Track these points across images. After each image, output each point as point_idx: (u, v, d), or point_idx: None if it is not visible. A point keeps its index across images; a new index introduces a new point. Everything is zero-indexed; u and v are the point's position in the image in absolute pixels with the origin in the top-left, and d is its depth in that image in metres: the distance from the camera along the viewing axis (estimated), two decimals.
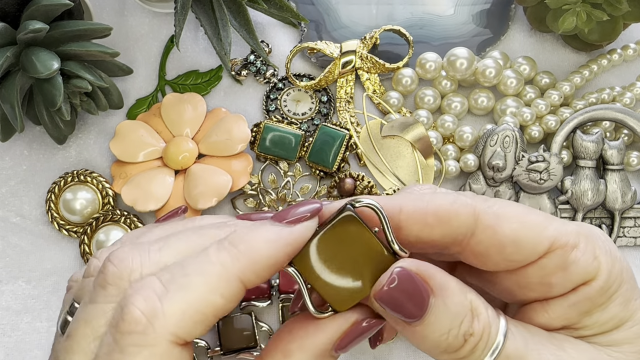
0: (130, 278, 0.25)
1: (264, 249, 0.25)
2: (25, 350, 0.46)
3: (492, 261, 0.27)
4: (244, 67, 0.50)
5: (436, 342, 0.26)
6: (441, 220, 0.27)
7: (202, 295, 0.24)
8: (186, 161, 0.47)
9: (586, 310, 0.27)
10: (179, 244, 0.26)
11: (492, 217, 0.27)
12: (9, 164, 0.49)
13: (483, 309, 0.26)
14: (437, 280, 0.26)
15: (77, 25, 0.43)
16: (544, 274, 0.27)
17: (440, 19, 0.52)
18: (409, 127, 0.48)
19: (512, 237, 0.27)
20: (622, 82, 0.51)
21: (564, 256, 0.27)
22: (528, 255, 0.27)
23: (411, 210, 0.27)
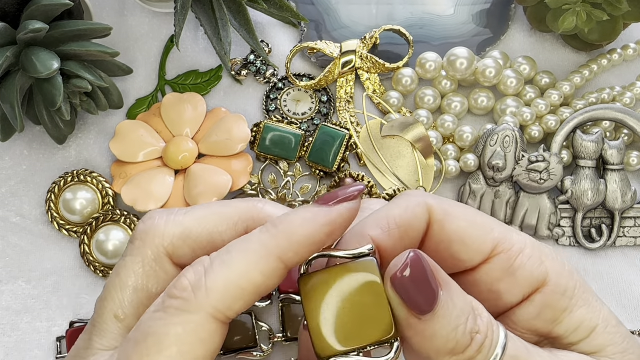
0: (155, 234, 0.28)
1: (302, 228, 0.26)
2: (25, 350, 0.46)
3: (441, 259, 0.28)
4: (244, 67, 0.50)
5: (445, 340, 0.26)
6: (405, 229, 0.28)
7: (242, 272, 0.25)
8: (186, 161, 0.47)
9: (552, 319, 0.28)
10: (203, 211, 0.29)
11: (441, 213, 0.28)
12: (9, 164, 0.49)
13: (483, 309, 0.27)
14: (443, 275, 0.26)
15: (77, 25, 0.43)
16: (491, 280, 0.28)
17: (440, 19, 0.52)
18: (409, 127, 0.48)
19: (459, 234, 0.28)
20: (622, 82, 0.51)
21: (510, 261, 0.28)
22: (473, 254, 0.28)
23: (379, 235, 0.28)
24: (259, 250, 0.26)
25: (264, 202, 0.30)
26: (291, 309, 0.45)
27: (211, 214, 0.29)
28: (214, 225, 0.29)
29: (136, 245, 0.28)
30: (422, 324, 0.26)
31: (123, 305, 0.28)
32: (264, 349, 0.45)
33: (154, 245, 0.28)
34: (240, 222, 0.29)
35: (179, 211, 0.29)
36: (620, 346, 0.27)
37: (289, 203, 0.47)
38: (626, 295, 0.46)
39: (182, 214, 0.29)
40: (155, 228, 0.28)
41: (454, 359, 0.26)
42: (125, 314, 0.28)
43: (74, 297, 0.46)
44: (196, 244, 0.28)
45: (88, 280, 0.47)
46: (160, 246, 0.28)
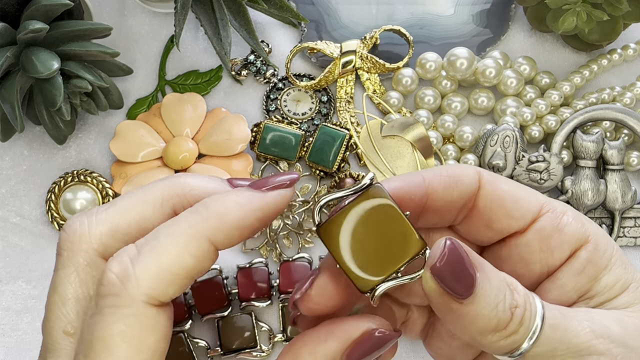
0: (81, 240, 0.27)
1: (234, 211, 0.26)
2: (25, 350, 0.46)
3: (496, 218, 0.29)
4: (244, 67, 0.50)
5: (487, 319, 0.26)
6: (454, 179, 0.29)
7: (172, 256, 0.25)
8: (186, 161, 0.47)
9: (594, 275, 0.29)
10: (124, 201, 0.28)
11: (490, 175, 0.30)
12: (9, 164, 0.49)
13: (517, 283, 0.27)
14: (476, 257, 0.27)
15: (77, 25, 0.43)
16: (542, 237, 0.29)
17: (440, 19, 0.52)
18: (409, 127, 0.48)
19: (509, 193, 0.29)
20: (622, 82, 0.51)
21: (557, 219, 0.29)
22: (525, 212, 0.29)
23: (431, 176, 0.29)
24: (188, 232, 0.25)
25: (185, 175, 0.29)
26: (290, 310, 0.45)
27: (133, 202, 0.28)
28: (139, 212, 0.28)
29: (65, 257, 0.27)
30: (464, 307, 0.26)
31: (69, 319, 0.27)
32: (264, 349, 0.45)
33: (82, 250, 0.27)
34: (165, 202, 0.28)
35: (99, 209, 0.28)
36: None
37: (289, 203, 0.47)
38: None
39: (104, 211, 0.28)
40: (79, 234, 0.27)
41: (498, 336, 0.26)
42: (74, 327, 0.27)
43: None
44: (126, 236, 0.28)
45: None
46: (90, 249, 0.27)
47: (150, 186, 0.29)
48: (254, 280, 0.45)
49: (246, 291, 0.45)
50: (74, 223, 0.28)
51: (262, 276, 0.45)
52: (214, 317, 0.45)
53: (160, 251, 0.25)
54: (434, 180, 0.29)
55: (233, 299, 0.45)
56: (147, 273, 0.25)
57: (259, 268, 0.45)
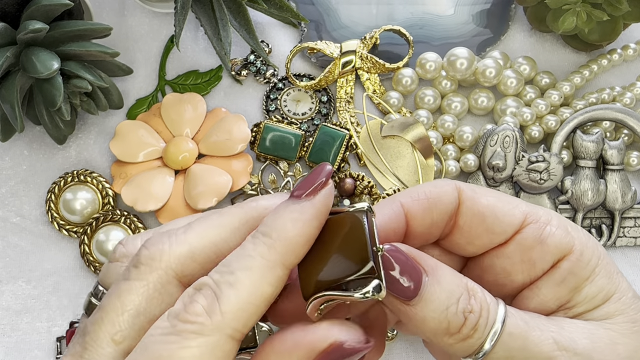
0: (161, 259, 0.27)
1: (295, 231, 0.26)
2: (25, 350, 0.46)
3: (476, 234, 0.29)
4: (244, 67, 0.50)
5: (437, 322, 0.26)
6: (433, 200, 0.29)
7: (252, 289, 0.26)
8: (186, 161, 0.47)
9: (575, 286, 0.29)
10: (202, 224, 0.29)
11: (470, 191, 0.30)
12: (9, 164, 0.49)
13: (479, 290, 0.27)
14: (428, 262, 0.27)
15: (77, 25, 0.43)
16: (523, 249, 0.29)
17: (440, 19, 0.52)
18: (409, 127, 0.48)
19: (490, 208, 0.29)
20: (622, 82, 0.51)
21: (539, 230, 0.29)
22: (506, 226, 0.29)
23: (409, 201, 0.30)
24: (263, 264, 0.26)
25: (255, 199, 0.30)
26: None
27: (211, 226, 0.29)
28: (216, 235, 0.28)
29: (141, 270, 0.28)
30: (412, 309, 0.27)
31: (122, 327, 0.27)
32: None
33: (161, 268, 0.27)
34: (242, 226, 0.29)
35: (178, 231, 0.28)
36: (632, 317, 0.28)
37: None
38: None
39: (182, 233, 0.28)
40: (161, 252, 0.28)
41: (452, 339, 0.27)
42: (124, 336, 0.27)
43: (74, 297, 0.46)
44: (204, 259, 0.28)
45: (88, 280, 0.47)
46: (169, 269, 0.27)
47: (226, 210, 0.29)
48: None
49: None
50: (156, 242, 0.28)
51: None
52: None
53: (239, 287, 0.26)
54: (412, 205, 0.29)
55: None
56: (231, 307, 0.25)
57: None
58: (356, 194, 0.46)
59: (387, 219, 0.29)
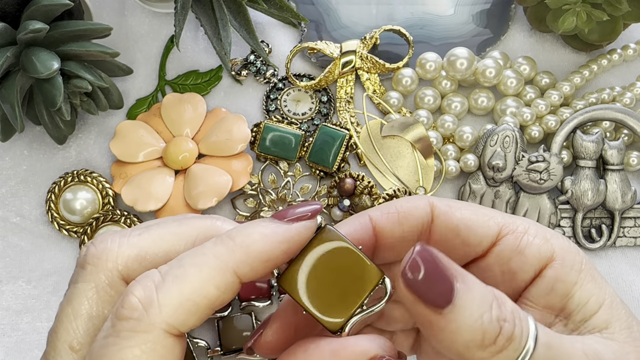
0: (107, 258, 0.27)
1: (259, 243, 0.26)
2: (25, 350, 0.46)
3: (452, 247, 0.29)
4: (244, 67, 0.50)
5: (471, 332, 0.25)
6: (404, 214, 0.29)
7: (196, 286, 0.25)
8: (186, 161, 0.47)
9: (564, 292, 0.28)
10: (158, 230, 0.28)
11: (444, 205, 0.29)
12: (9, 164, 0.49)
13: (506, 298, 0.26)
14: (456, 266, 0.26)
15: (77, 25, 0.43)
16: (502, 261, 0.29)
17: (440, 19, 0.52)
18: (409, 127, 0.48)
19: (464, 221, 0.29)
20: (622, 82, 0.51)
21: (516, 240, 0.29)
22: (481, 238, 0.29)
23: (378, 215, 0.29)
24: (214, 264, 0.25)
25: (222, 219, 0.29)
26: None
27: (168, 233, 0.28)
28: (170, 244, 0.28)
29: (88, 271, 0.27)
30: (444, 318, 0.25)
31: (77, 334, 0.26)
32: None
33: (107, 269, 0.27)
34: (198, 241, 0.28)
35: (133, 232, 0.28)
36: (626, 322, 0.28)
37: (289, 203, 0.47)
38: (626, 295, 0.46)
39: (137, 235, 0.28)
40: (107, 251, 0.27)
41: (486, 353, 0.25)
42: (81, 343, 0.26)
43: None
44: (152, 265, 0.27)
45: None
46: (114, 270, 0.27)
47: (186, 221, 0.29)
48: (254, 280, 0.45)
49: (246, 291, 0.45)
50: (104, 240, 0.27)
51: None
52: (214, 317, 0.45)
53: (184, 280, 0.25)
54: (380, 218, 0.29)
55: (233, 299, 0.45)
56: (170, 301, 0.24)
57: None
58: (356, 194, 0.46)
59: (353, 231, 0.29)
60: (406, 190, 0.46)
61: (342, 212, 0.47)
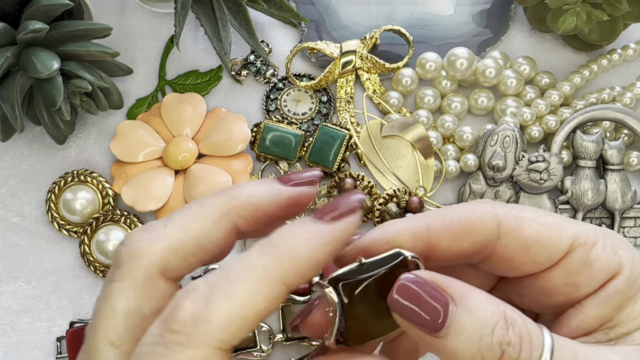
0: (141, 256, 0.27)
1: (305, 250, 0.25)
2: (25, 350, 0.46)
3: (518, 264, 0.28)
4: (244, 67, 0.50)
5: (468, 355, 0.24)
6: (466, 230, 0.27)
7: (245, 300, 0.24)
8: (186, 161, 0.47)
9: (618, 305, 0.27)
10: (182, 217, 0.28)
11: (513, 220, 0.27)
12: (9, 164, 0.49)
13: (518, 318, 0.25)
14: (456, 288, 0.25)
15: (77, 25, 0.43)
16: (568, 274, 0.28)
17: (440, 19, 0.52)
18: (409, 127, 0.48)
19: (535, 238, 0.27)
20: (622, 82, 0.51)
21: (586, 254, 0.27)
22: (552, 255, 0.27)
23: (438, 225, 0.27)
24: (262, 277, 0.24)
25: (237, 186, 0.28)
26: (291, 309, 0.45)
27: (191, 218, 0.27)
28: (197, 229, 0.27)
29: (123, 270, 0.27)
30: (441, 341, 0.25)
31: (117, 330, 0.26)
32: (263, 349, 0.45)
33: (142, 266, 0.27)
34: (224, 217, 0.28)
35: (157, 224, 0.28)
36: None
37: None
38: None
39: (163, 227, 0.27)
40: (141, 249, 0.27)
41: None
42: (121, 339, 0.26)
43: (74, 297, 0.46)
44: (186, 253, 0.27)
45: (88, 280, 0.47)
46: (151, 266, 0.27)
47: (206, 201, 0.28)
48: None
49: None
50: (134, 239, 0.27)
51: None
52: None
53: (233, 295, 0.24)
54: (440, 230, 0.27)
55: None
56: (219, 317, 0.24)
57: None
58: None
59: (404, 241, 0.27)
60: (406, 190, 0.46)
61: None
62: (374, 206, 0.46)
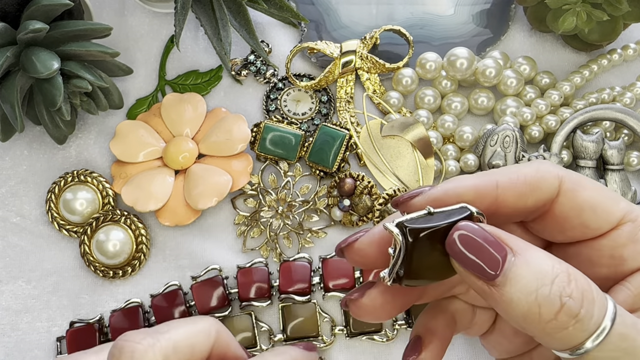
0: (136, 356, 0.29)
1: None
2: (25, 350, 0.46)
3: (570, 227, 0.28)
4: (244, 67, 0.50)
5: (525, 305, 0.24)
6: (532, 187, 0.28)
7: None
8: (186, 161, 0.47)
9: None
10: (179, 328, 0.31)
11: (572, 182, 0.28)
12: (9, 164, 0.49)
13: (581, 276, 0.25)
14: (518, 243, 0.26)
15: (77, 25, 0.43)
16: (615, 245, 0.28)
17: (440, 19, 0.52)
18: (409, 127, 0.48)
19: (590, 202, 0.28)
20: (622, 82, 0.51)
21: (635, 229, 0.28)
22: (603, 223, 0.28)
23: (506, 182, 0.28)
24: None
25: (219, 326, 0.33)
26: (291, 309, 0.45)
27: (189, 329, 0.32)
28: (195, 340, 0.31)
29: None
30: (497, 290, 0.25)
31: None
32: (263, 349, 0.45)
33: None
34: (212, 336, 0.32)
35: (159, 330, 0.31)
36: None
37: (289, 203, 0.47)
38: None
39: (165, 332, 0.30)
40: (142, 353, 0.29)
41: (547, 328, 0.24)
42: None
43: (74, 297, 0.46)
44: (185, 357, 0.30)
45: (88, 280, 0.47)
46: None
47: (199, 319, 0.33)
48: (254, 280, 0.45)
49: (246, 291, 0.45)
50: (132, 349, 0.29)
51: (262, 276, 0.45)
52: (213, 317, 0.45)
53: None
54: (508, 187, 0.28)
55: (233, 299, 0.45)
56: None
57: (259, 268, 0.45)
58: (356, 194, 0.46)
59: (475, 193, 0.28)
60: (406, 190, 0.46)
61: (342, 212, 0.47)
62: (374, 206, 0.46)
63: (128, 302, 0.45)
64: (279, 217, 0.47)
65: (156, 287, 0.46)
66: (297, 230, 0.47)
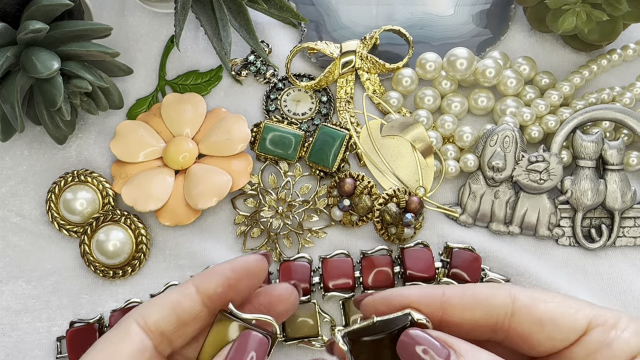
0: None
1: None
2: (25, 350, 0.46)
3: (537, 342, 0.29)
4: (244, 67, 0.50)
5: None
6: (479, 299, 0.29)
7: None
8: (186, 161, 0.47)
9: None
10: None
11: (527, 297, 0.29)
12: (9, 164, 0.49)
13: None
14: (462, 346, 0.27)
15: (77, 25, 0.43)
16: (589, 352, 0.28)
17: (440, 19, 0.52)
18: (409, 127, 0.48)
19: (549, 315, 0.29)
20: (622, 82, 0.51)
21: (605, 333, 0.28)
22: (568, 333, 0.28)
23: (453, 292, 0.29)
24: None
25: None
26: None
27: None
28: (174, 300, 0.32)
29: None
30: None
31: None
32: None
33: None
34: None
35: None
36: None
37: (289, 203, 0.47)
38: (626, 295, 0.46)
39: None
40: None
41: None
42: None
43: (74, 297, 0.46)
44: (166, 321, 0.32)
45: (88, 280, 0.47)
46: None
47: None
48: None
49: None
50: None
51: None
52: None
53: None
54: (454, 297, 0.29)
55: None
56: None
57: None
58: (356, 194, 0.46)
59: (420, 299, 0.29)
60: (406, 190, 0.46)
61: (342, 212, 0.47)
62: (374, 206, 0.46)
63: (128, 302, 0.45)
64: (279, 217, 0.47)
65: (156, 287, 0.46)
66: (297, 230, 0.47)
